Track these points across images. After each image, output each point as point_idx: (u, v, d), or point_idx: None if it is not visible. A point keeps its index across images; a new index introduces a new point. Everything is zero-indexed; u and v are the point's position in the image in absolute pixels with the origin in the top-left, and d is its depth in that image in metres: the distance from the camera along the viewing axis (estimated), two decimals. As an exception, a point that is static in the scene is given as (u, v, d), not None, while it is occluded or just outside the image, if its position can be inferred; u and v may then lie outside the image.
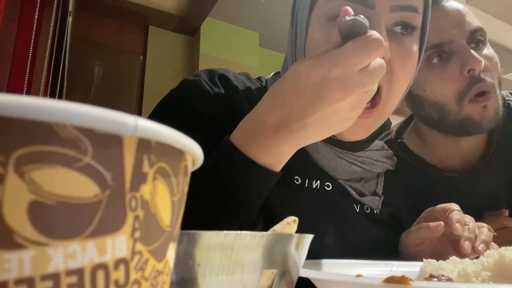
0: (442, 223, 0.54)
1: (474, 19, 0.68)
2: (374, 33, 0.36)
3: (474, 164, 0.76)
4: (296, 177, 0.55)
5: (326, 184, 0.57)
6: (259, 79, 0.64)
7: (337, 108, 0.37)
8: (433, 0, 0.65)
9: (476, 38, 0.68)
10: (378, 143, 0.67)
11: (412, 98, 0.74)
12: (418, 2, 0.51)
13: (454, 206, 0.56)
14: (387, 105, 0.51)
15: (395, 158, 0.68)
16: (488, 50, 0.69)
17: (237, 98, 0.55)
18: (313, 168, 0.58)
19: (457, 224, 0.52)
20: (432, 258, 0.47)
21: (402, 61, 0.50)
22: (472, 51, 0.65)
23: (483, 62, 0.65)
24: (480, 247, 0.50)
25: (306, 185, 0.56)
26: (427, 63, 0.68)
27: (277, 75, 0.64)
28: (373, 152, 0.63)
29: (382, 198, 0.63)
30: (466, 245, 0.50)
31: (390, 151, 0.69)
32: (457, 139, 0.74)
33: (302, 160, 0.57)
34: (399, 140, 0.82)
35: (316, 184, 0.56)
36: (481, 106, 0.67)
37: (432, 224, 0.55)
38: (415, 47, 0.52)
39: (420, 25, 0.52)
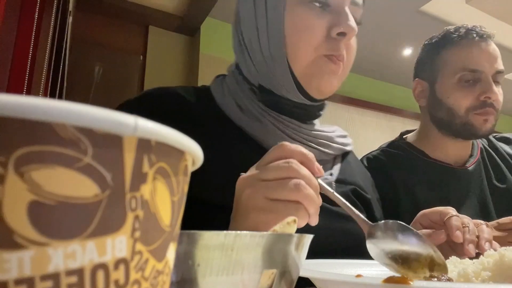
0: (444, 232, 0.55)
1: (500, 62, 0.93)
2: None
3: (463, 163, 0.99)
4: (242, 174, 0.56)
5: None
6: (203, 85, 0.70)
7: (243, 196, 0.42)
8: (484, 35, 0.92)
9: (497, 77, 0.92)
10: (333, 127, 0.70)
11: (434, 101, 0.96)
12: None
13: (451, 211, 0.57)
14: (346, 67, 0.62)
15: (350, 138, 0.73)
16: (499, 89, 0.93)
17: (149, 106, 0.59)
18: None
19: (457, 232, 0.54)
20: None
21: (354, 40, 0.62)
22: (493, 84, 0.90)
23: (498, 95, 0.90)
24: (486, 246, 0.52)
25: None
26: (459, 80, 0.91)
27: (219, 77, 0.68)
28: (329, 133, 0.65)
29: (334, 177, 0.63)
30: (471, 248, 0.52)
31: (346, 132, 0.72)
32: (456, 143, 0.96)
33: (252, 155, 0.57)
34: (402, 139, 1.05)
35: None
36: (482, 119, 0.90)
37: (434, 233, 0.56)
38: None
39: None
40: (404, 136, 1.07)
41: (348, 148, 0.69)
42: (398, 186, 0.90)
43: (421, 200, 0.88)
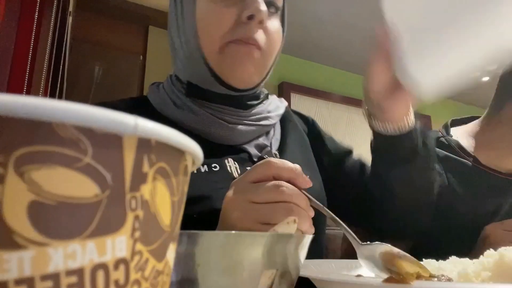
0: None
1: None
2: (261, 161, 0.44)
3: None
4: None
5: (213, 165, 0.57)
6: (141, 95, 0.72)
7: (231, 204, 0.43)
8: None
9: None
10: (270, 98, 0.71)
11: None
12: None
13: None
14: (266, 54, 0.61)
15: (283, 100, 0.74)
16: None
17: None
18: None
19: None
20: None
21: (273, 27, 0.62)
22: None
23: None
24: None
25: (202, 170, 0.56)
26: None
27: (155, 84, 0.69)
28: (263, 106, 0.67)
29: (269, 143, 0.65)
30: None
31: (276, 99, 0.73)
32: None
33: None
34: (449, 136, 0.89)
35: (204, 168, 0.57)
36: None
37: None
38: (279, 23, 0.64)
39: (281, 8, 0.65)
40: (449, 130, 0.91)
41: (282, 110, 0.70)
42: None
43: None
